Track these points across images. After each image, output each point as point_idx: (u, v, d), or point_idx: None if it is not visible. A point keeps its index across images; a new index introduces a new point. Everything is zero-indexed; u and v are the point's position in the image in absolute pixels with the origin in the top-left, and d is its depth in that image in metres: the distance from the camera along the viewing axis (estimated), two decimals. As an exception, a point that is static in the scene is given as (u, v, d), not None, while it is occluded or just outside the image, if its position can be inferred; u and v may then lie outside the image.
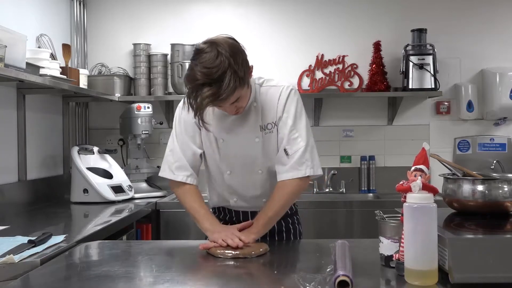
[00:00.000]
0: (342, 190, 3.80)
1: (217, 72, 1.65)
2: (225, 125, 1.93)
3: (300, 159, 1.87)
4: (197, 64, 1.68)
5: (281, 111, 1.91)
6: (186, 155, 1.95)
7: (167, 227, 3.25)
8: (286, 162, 1.88)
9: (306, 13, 3.88)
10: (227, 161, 1.96)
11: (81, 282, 1.49)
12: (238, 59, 1.70)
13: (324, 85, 3.83)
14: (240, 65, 1.70)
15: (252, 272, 1.59)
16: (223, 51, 1.67)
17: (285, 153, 1.88)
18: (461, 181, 1.63)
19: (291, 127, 1.89)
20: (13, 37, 2.42)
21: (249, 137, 1.92)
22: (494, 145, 3.83)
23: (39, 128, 3.26)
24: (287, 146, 1.88)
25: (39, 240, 1.88)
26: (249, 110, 1.92)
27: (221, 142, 1.94)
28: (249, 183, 1.97)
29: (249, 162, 1.94)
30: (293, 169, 1.87)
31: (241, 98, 1.79)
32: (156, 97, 3.75)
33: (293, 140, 1.88)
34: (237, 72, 1.67)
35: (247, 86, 1.80)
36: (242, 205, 2.02)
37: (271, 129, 1.92)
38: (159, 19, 3.91)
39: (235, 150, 1.93)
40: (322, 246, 1.79)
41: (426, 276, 1.32)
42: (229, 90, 1.67)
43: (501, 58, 3.80)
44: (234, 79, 1.67)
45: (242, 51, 1.75)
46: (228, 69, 1.66)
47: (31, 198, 3.05)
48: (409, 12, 3.84)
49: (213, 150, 1.96)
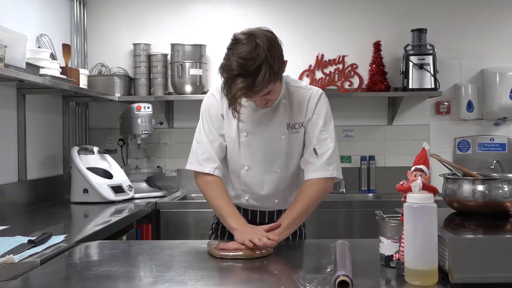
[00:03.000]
0: (342, 190, 3.80)
1: (253, 65, 1.65)
2: (253, 119, 1.92)
3: (329, 160, 1.89)
4: (234, 54, 1.68)
5: (311, 113, 1.92)
6: (214, 147, 1.93)
7: (167, 227, 3.25)
8: (315, 161, 1.89)
9: (306, 13, 3.88)
10: (247, 156, 1.94)
11: (81, 282, 1.49)
12: (275, 53, 1.71)
13: (324, 85, 3.83)
14: (276, 59, 1.71)
15: (252, 272, 1.59)
16: (261, 43, 1.67)
17: (314, 153, 1.89)
18: (461, 181, 1.63)
19: (322, 128, 1.91)
20: (13, 37, 2.42)
21: (275, 133, 1.92)
22: (494, 145, 3.83)
23: (39, 128, 3.26)
24: (316, 146, 1.89)
25: (39, 240, 1.88)
26: (278, 106, 1.92)
27: (244, 136, 1.92)
28: (265, 182, 1.96)
29: (270, 159, 1.93)
30: (322, 168, 1.88)
31: (272, 92, 1.80)
32: (156, 97, 3.75)
33: (323, 141, 1.90)
34: (272, 66, 1.68)
35: (280, 80, 1.81)
36: (253, 204, 2.01)
37: (298, 129, 1.93)
38: (159, 19, 3.91)
39: (259, 145, 1.92)
40: (322, 246, 1.79)
41: (426, 276, 1.32)
42: (263, 83, 1.67)
43: (501, 58, 3.80)
44: (269, 72, 1.67)
45: (279, 45, 1.77)
46: (265, 62, 1.66)
47: (31, 198, 3.05)
48: (409, 12, 3.84)
49: (234, 145, 1.95)
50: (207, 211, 3.17)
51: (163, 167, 3.87)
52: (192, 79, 3.66)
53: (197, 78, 3.67)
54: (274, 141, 1.92)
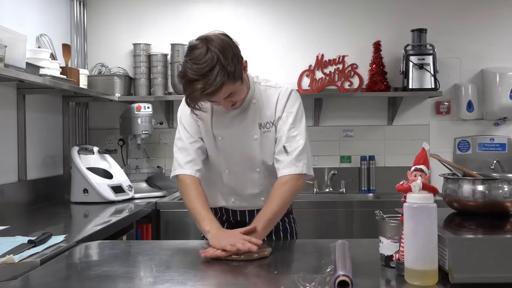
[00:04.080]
0: (342, 190, 3.80)
1: (205, 67, 1.68)
2: (224, 122, 1.94)
3: (298, 157, 1.89)
4: (187, 60, 1.73)
5: (280, 111, 1.92)
6: (193, 149, 1.96)
7: (167, 227, 3.25)
8: (284, 159, 1.89)
9: (306, 13, 3.88)
10: (225, 159, 1.97)
11: (81, 282, 1.49)
12: (228, 54, 1.72)
13: (324, 85, 3.83)
14: (230, 60, 1.72)
15: (252, 272, 1.59)
16: (212, 47, 1.70)
17: (284, 150, 1.89)
18: (461, 181, 1.63)
19: (291, 125, 1.91)
20: (13, 37, 2.42)
21: (247, 134, 1.94)
22: (494, 145, 3.83)
23: (39, 128, 3.26)
24: (286, 144, 1.89)
25: (39, 240, 1.88)
26: (248, 107, 1.93)
27: (220, 140, 1.95)
28: (248, 182, 1.99)
29: (247, 160, 1.95)
30: (292, 165, 1.88)
31: (235, 93, 1.81)
32: (156, 97, 3.75)
33: (293, 138, 1.90)
34: (225, 67, 1.70)
35: (241, 81, 1.81)
36: (241, 205, 2.03)
37: (269, 129, 1.94)
38: (159, 19, 3.91)
39: (234, 148, 1.95)
40: (322, 246, 1.79)
41: (426, 276, 1.32)
42: (216, 85, 1.69)
43: (501, 58, 3.80)
44: (222, 74, 1.69)
45: (234, 46, 1.77)
46: (217, 64, 1.69)
47: (31, 198, 3.05)
48: (409, 12, 3.84)
49: (212, 149, 1.98)
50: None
51: (163, 167, 3.87)
52: (192, 79, 3.66)
53: (197, 78, 3.67)
54: (247, 142, 1.94)
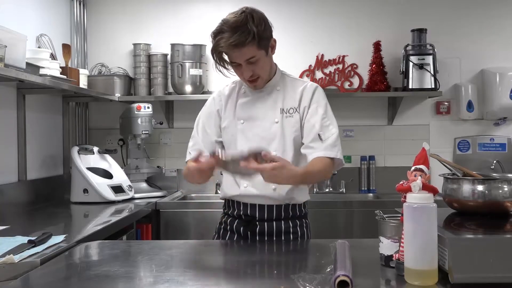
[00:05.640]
0: (342, 190, 3.80)
1: (235, 23, 1.83)
2: (247, 105, 2.03)
3: (334, 143, 1.94)
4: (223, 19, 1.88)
5: (307, 101, 1.99)
6: (204, 141, 2.05)
7: (167, 227, 3.25)
8: (319, 145, 1.93)
9: (306, 13, 3.88)
10: (244, 142, 1.99)
11: (81, 282, 1.49)
12: (259, 21, 1.86)
13: (324, 85, 3.82)
14: (259, 26, 1.85)
15: (252, 272, 1.59)
16: (248, 11, 1.86)
17: (319, 138, 1.94)
18: (461, 181, 1.63)
19: (323, 115, 1.98)
20: (13, 37, 2.42)
21: (269, 117, 2.00)
22: (494, 145, 3.83)
23: (39, 128, 3.27)
24: (320, 132, 1.95)
25: (39, 240, 1.88)
26: (272, 92, 2.04)
27: (241, 123, 2.02)
28: None
29: (265, 143, 1.98)
30: (327, 149, 1.92)
31: (257, 62, 1.90)
32: (156, 97, 3.75)
33: (326, 127, 1.96)
34: (253, 29, 1.82)
35: (265, 52, 1.91)
36: (252, 192, 1.99)
37: (292, 114, 2.00)
38: (159, 19, 3.91)
39: (255, 130, 2.00)
40: (322, 246, 1.79)
41: (426, 276, 1.32)
42: (241, 40, 1.81)
43: (501, 58, 3.80)
44: (248, 32, 1.82)
45: (267, 20, 1.91)
46: (246, 24, 1.82)
47: (31, 198, 3.05)
48: (409, 12, 3.84)
49: (232, 134, 2.03)
50: (207, 211, 3.19)
51: (163, 167, 3.87)
52: (192, 79, 3.67)
53: (197, 78, 3.68)
54: (268, 125, 2.00)
